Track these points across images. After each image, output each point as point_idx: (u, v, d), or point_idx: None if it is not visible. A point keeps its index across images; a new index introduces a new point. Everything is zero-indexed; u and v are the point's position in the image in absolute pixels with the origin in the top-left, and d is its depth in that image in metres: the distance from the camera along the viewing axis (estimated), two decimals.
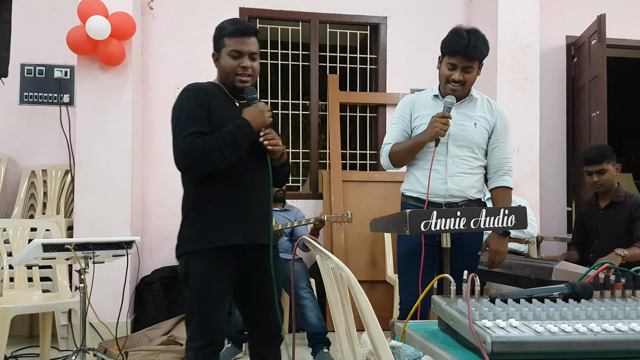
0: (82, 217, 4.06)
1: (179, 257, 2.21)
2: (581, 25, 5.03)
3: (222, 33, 2.22)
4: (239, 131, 2.10)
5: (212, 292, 2.13)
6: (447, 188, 2.55)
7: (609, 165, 3.37)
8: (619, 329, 1.12)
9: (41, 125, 4.50)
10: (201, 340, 2.12)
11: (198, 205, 2.16)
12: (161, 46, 4.64)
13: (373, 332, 1.09)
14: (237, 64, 2.19)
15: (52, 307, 3.39)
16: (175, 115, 2.16)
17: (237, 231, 2.14)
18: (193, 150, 2.05)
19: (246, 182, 2.19)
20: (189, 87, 2.21)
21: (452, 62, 2.52)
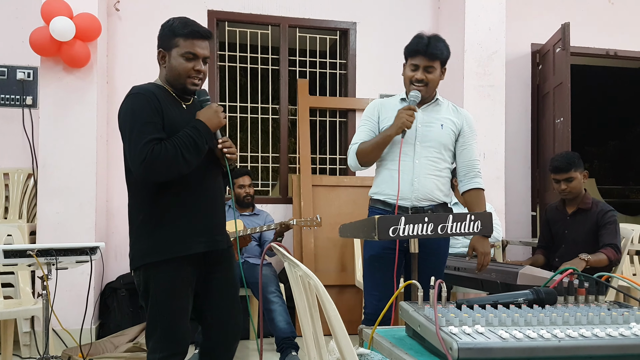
0: (45, 221, 3.96)
1: (136, 269, 2.12)
2: (546, 34, 5.15)
3: (176, 32, 2.11)
4: (198, 134, 2.06)
5: (175, 301, 2.08)
6: (413, 190, 2.55)
7: (577, 173, 3.42)
8: (583, 335, 1.15)
9: (3, 127, 4.37)
10: (165, 351, 2.07)
11: (156, 215, 2.08)
12: (127, 48, 4.57)
13: (341, 341, 1.09)
14: (191, 66, 2.12)
15: (14, 314, 3.31)
16: (128, 121, 2.06)
17: (199, 239, 2.11)
18: (155, 159, 1.97)
19: (203, 188, 2.16)
20: (137, 91, 2.10)
21: (414, 62, 2.59)
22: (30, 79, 4.40)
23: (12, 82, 4.39)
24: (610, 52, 5.55)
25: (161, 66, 2.18)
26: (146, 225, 2.10)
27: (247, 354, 3.99)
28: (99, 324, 4.20)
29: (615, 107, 9.21)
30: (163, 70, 2.18)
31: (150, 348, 2.11)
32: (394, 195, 2.53)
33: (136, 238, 2.13)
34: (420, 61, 2.57)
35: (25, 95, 4.39)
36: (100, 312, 4.24)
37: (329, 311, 1.09)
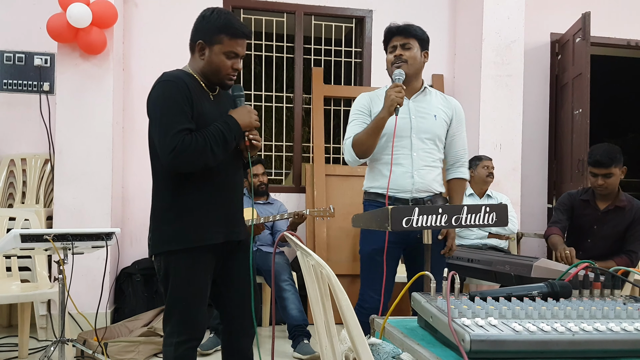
0: (62, 207, 4.01)
1: (157, 255, 2.14)
2: (566, 23, 5.07)
3: (224, 30, 2.10)
4: (228, 130, 2.08)
5: (193, 288, 2.11)
6: (413, 182, 2.56)
7: (617, 169, 3.25)
8: (597, 329, 1.13)
9: (21, 113, 4.42)
10: (182, 335, 2.10)
11: (178, 203, 2.10)
12: (143, 35, 4.58)
13: (352, 330, 1.09)
14: (231, 64, 2.14)
15: (31, 298, 3.35)
16: (159, 109, 2.06)
17: (218, 229, 2.14)
18: (184, 149, 1.98)
19: (225, 181, 2.18)
20: (169, 78, 2.09)
21: (391, 44, 2.61)
22: (48, 65, 4.44)
23: (29, 68, 4.43)
24: (631, 43, 5.45)
25: (197, 56, 2.16)
26: (168, 213, 2.11)
27: (260, 340, 4.01)
28: (114, 308, 4.25)
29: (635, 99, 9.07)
30: (199, 61, 2.16)
31: (166, 332, 2.14)
32: (394, 189, 2.55)
33: (157, 224, 2.15)
34: (396, 41, 2.60)
35: (42, 81, 4.43)
36: (116, 297, 4.29)
37: (341, 300, 1.09)
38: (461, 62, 5.06)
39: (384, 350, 1.27)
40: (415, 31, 2.60)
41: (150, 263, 4.35)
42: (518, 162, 4.71)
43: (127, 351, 3.42)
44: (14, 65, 4.41)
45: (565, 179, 5.09)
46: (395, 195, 2.56)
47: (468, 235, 4.20)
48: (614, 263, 3.17)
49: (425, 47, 2.66)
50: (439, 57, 5.12)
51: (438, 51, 5.12)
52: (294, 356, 3.56)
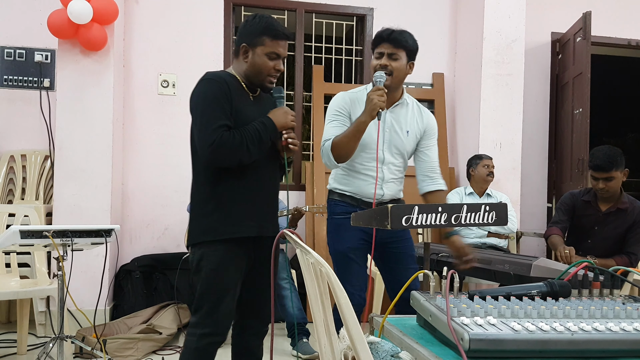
0: (62, 203, 4.01)
1: (192, 245, 2.23)
2: (566, 23, 5.06)
3: (266, 32, 2.19)
4: (264, 129, 2.17)
5: (224, 281, 2.16)
6: (383, 194, 2.62)
7: (617, 172, 3.23)
8: (596, 329, 1.14)
9: (21, 109, 4.41)
10: (206, 328, 2.14)
11: (215, 196, 2.17)
12: (144, 32, 4.57)
13: (351, 328, 1.09)
14: (273, 65, 2.22)
15: (30, 294, 3.35)
16: (200, 105, 2.14)
17: (252, 223, 2.19)
18: (223, 145, 2.06)
19: (261, 176, 2.25)
20: (211, 77, 2.17)
21: (379, 50, 2.56)
22: (48, 61, 4.43)
23: (30, 64, 4.42)
24: (632, 42, 5.44)
25: (241, 59, 2.24)
26: (206, 205, 2.19)
27: None
28: (113, 305, 4.25)
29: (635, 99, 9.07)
30: (242, 64, 2.24)
31: (192, 322, 2.18)
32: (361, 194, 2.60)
33: (195, 216, 2.23)
34: (384, 48, 2.54)
35: (42, 77, 4.42)
36: (115, 294, 4.29)
37: (340, 299, 1.09)
38: (462, 61, 5.06)
39: (382, 349, 1.27)
40: (405, 42, 2.55)
41: (149, 260, 4.35)
42: (518, 161, 4.71)
43: (126, 348, 3.42)
44: (15, 61, 4.41)
45: (565, 178, 5.09)
46: (362, 199, 2.61)
47: (467, 234, 4.20)
48: (613, 262, 3.17)
49: (413, 58, 2.61)
50: (440, 55, 5.12)
51: (439, 50, 5.12)
52: (293, 354, 3.56)
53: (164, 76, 4.60)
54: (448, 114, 5.10)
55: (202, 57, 4.65)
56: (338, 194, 2.68)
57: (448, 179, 4.90)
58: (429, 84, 5.09)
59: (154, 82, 4.58)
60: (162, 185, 4.57)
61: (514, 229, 4.29)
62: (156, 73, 4.59)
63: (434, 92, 5.06)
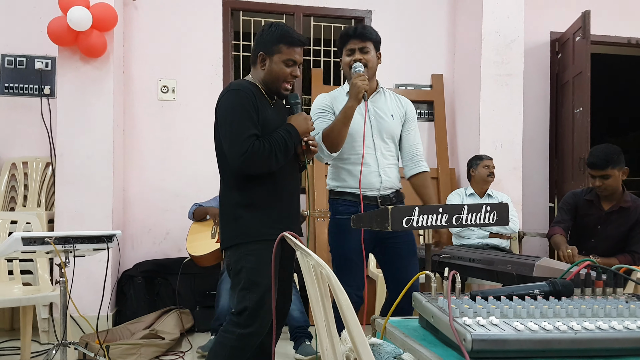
0: (63, 210, 4.01)
1: (227, 248, 2.30)
2: (566, 22, 5.06)
3: (282, 40, 2.27)
4: (289, 137, 2.26)
5: (266, 279, 2.20)
6: (381, 180, 2.67)
7: (614, 170, 3.24)
8: (600, 328, 1.13)
9: (22, 116, 4.42)
10: (249, 328, 2.20)
11: (244, 201, 2.26)
12: (143, 38, 4.58)
13: (353, 330, 1.09)
14: (290, 71, 2.30)
15: (33, 301, 3.34)
16: (229, 115, 2.21)
17: (280, 226, 2.22)
18: (254, 154, 2.15)
19: (285, 181, 2.34)
20: (238, 87, 2.24)
21: (349, 47, 2.68)
22: (48, 68, 4.44)
23: (30, 71, 4.43)
24: (631, 41, 5.44)
25: (259, 67, 2.33)
26: (236, 209, 2.27)
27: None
28: (116, 311, 4.25)
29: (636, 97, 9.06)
30: (260, 72, 2.33)
31: (232, 321, 2.23)
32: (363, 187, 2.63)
33: (227, 220, 2.31)
34: (353, 44, 2.66)
35: (43, 84, 4.43)
36: (117, 300, 4.29)
37: (341, 301, 1.08)
38: (461, 61, 5.06)
39: (385, 351, 1.27)
40: (371, 34, 2.68)
41: (152, 265, 4.35)
42: (519, 161, 4.71)
43: (129, 354, 3.42)
44: (15, 69, 4.42)
45: (566, 177, 5.09)
46: (365, 193, 2.64)
47: (469, 235, 4.19)
48: (616, 260, 3.16)
49: (379, 49, 2.75)
50: (439, 56, 5.12)
51: (437, 51, 5.12)
52: (296, 357, 3.55)
53: (164, 82, 4.60)
54: (448, 115, 5.10)
55: (201, 62, 4.65)
56: (338, 193, 2.72)
57: (449, 180, 4.90)
58: (428, 85, 5.09)
59: (153, 87, 4.59)
60: (163, 190, 4.57)
61: (516, 229, 4.28)
62: (156, 79, 4.59)
63: (433, 93, 5.06)
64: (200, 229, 3.93)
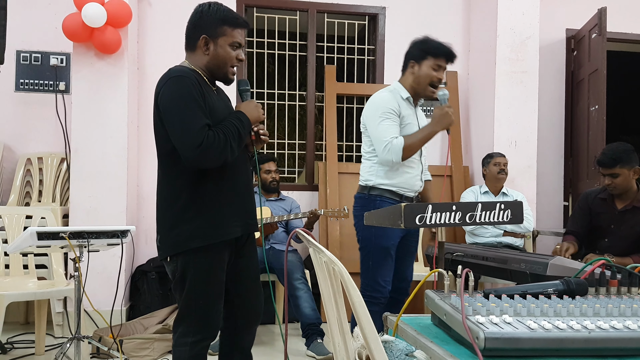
0: (78, 205, 4.05)
1: (173, 256, 2.10)
2: (581, 19, 5.01)
3: (226, 21, 2.11)
4: (242, 125, 2.10)
5: (213, 287, 2.10)
6: (421, 185, 2.89)
7: (623, 169, 3.19)
8: (614, 327, 1.12)
9: (37, 112, 4.47)
10: (197, 335, 2.08)
11: (195, 201, 2.08)
12: (157, 34, 4.60)
13: (365, 327, 1.09)
14: (236, 55, 2.14)
15: (48, 295, 3.39)
16: (176, 105, 2.04)
17: (236, 223, 2.14)
18: (210, 145, 1.97)
19: (236, 174, 2.17)
20: (180, 74, 2.07)
21: (440, 63, 2.77)
22: (63, 64, 4.48)
23: (45, 68, 4.47)
24: None
25: (200, 52, 2.16)
26: (187, 211, 2.07)
27: (273, 338, 4.03)
28: (129, 305, 4.28)
29: None
30: (202, 57, 2.16)
31: (179, 332, 2.10)
32: (405, 188, 2.79)
33: (174, 224, 2.09)
34: (445, 63, 2.79)
35: (58, 80, 4.47)
36: (131, 294, 4.32)
37: (354, 297, 1.08)
38: (475, 59, 5.02)
39: (397, 348, 1.27)
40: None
41: None
42: (533, 159, 4.67)
43: (142, 348, 3.44)
44: (30, 65, 4.46)
45: (581, 176, 5.04)
46: (405, 193, 2.81)
47: (483, 233, 4.17)
48: (630, 260, 3.13)
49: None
50: None
51: None
52: (308, 354, 3.56)
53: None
54: (462, 112, 5.07)
55: None
56: (380, 190, 2.80)
57: (462, 178, 4.87)
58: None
59: None
60: None
61: (530, 228, 4.25)
62: None
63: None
64: None
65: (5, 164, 4.38)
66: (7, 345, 3.60)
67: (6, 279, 3.52)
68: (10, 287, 3.33)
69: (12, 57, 4.41)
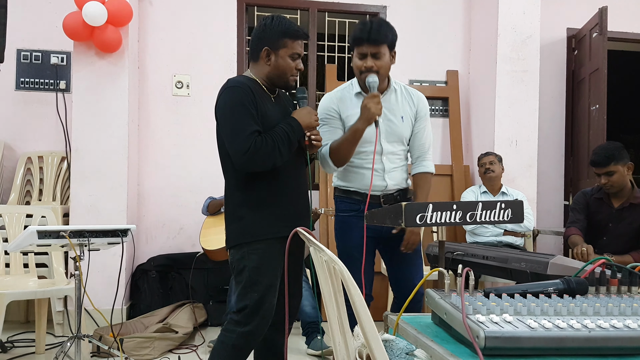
0: (78, 204, 4.05)
1: (232, 247, 2.28)
2: (582, 18, 5.01)
3: (287, 34, 2.25)
4: (292, 131, 2.22)
5: (267, 278, 2.22)
6: (386, 184, 2.62)
7: (618, 166, 3.23)
8: (614, 326, 1.12)
9: (37, 111, 4.47)
10: (249, 326, 2.19)
11: (249, 199, 2.24)
12: (158, 33, 4.60)
13: (365, 326, 1.09)
14: (295, 65, 2.28)
15: (48, 294, 3.39)
16: (229, 113, 2.19)
17: (286, 223, 2.23)
18: (257, 150, 2.12)
19: (290, 177, 2.32)
20: (235, 84, 2.22)
21: (361, 51, 2.50)
22: (64, 63, 4.48)
23: (46, 66, 4.47)
24: None
25: (262, 62, 2.29)
26: (240, 208, 2.25)
27: None
28: (130, 304, 4.28)
29: None
30: (264, 67, 2.29)
31: (232, 320, 2.23)
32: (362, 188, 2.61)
33: (231, 219, 2.29)
34: (367, 48, 2.49)
35: (58, 79, 4.47)
36: (131, 293, 4.32)
37: (354, 296, 1.08)
38: (476, 57, 5.02)
39: (397, 347, 1.27)
40: (385, 37, 2.50)
41: (165, 260, 4.38)
42: (534, 158, 4.67)
43: (143, 347, 3.45)
44: (31, 63, 4.46)
45: (581, 175, 5.04)
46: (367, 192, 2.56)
47: (483, 232, 4.17)
48: (631, 258, 3.13)
49: (394, 47, 2.58)
50: (454, 52, 5.09)
51: (453, 47, 5.09)
52: (308, 352, 3.56)
53: (178, 77, 4.63)
54: (462, 111, 5.07)
55: (215, 57, 4.67)
56: (342, 190, 2.72)
57: (463, 177, 4.87)
58: (443, 82, 5.06)
59: (168, 83, 4.61)
60: (177, 186, 4.60)
61: (531, 227, 4.25)
62: (170, 74, 4.61)
63: (448, 90, 5.03)
64: (215, 223, 3.95)
65: (5, 162, 4.38)
66: (8, 344, 3.60)
67: (6, 277, 3.53)
68: (11, 286, 3.34)
69: (12, 55, 4.41)
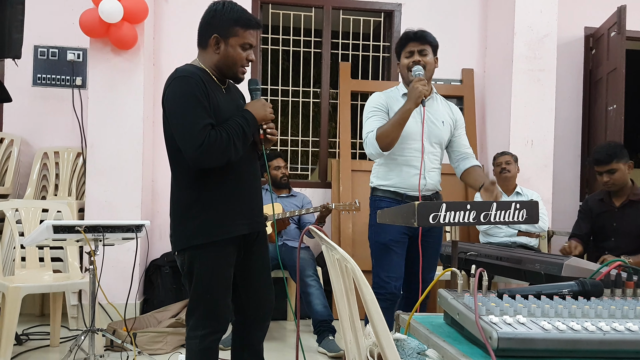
0: (93, 199, 4.08)
1: (181, 251, 2.16)
2: (600, 17, 4.95)
3: (238, 22, 2.11)
4: (247, 124, 2.11)
5: (219, 281, 2.14)
6: (425, 183, 2.74)
7: (619, 164, 3.29)
8: (629, 329, 1.10)
9: (54, 107, 4.51)
10: (207, 328, 2.13)
11: (201, 198, 2.12)
12: (173, 30, 4.62)
13: (377, 325, 1.08)
14: (246, 55, 2.15)
15: (63, 288, 3.42)
16: (179, 105, 2.05)
17: (242, 221, 2.16)
18: (211, 145, 1.99)
19: (243, 172, 2.19)
20: (185, 74, 2.08)
21: (408, 50, 2.73)
22: (80, 60, 4.52)
23: (62, 63, 4.52)
24: None
25: (211, 51, 2.16)
26: (191, 208, 2.13)
27: (284, 334, 4.03)
28: (143, 299, 4.31)
29: None
30: (213, 56, 2.16)
31: (190, 325, 2.16)
32: (405, 187, 2.74)
33: (180, 220, 2.16)
34: (413, 46, 2.72)
35: (75, 75, 4.51)
36: (145, 288, 4.35)
37: (366, 295, 1.08)
38: (492, 56, 4.98)
39: (409, 346, 1.26)
40: (430, 38, 2.75)
41: None
42: (550, 158, 4.62)
43: (156, 341, 3.47)
44: (48, 60, 4.51)
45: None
46: (407, 192, 2.74)
47: (497, 232, 4.14)
48: None
49: (436, 53, 2.80)
50: (470, 51, 5.06)
51: (468, 45, 5.06)
52: (319, 350, 3.56)
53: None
54: (478, 110, 5.03)
55: None
56: (381, 190, 2.80)
57: None
58: (458, 80, 5.03)
59: None
60: None
61: (545, 228, 4.21)
62: None
63: (463, 88, 5.00)
64: None
65: (22, 157, 4.43)
66: (23, 337, 3.64)
67: (22, 271, 3.57)
68: (27, 280, 3.38)
69: (29, 52, 4.45)
